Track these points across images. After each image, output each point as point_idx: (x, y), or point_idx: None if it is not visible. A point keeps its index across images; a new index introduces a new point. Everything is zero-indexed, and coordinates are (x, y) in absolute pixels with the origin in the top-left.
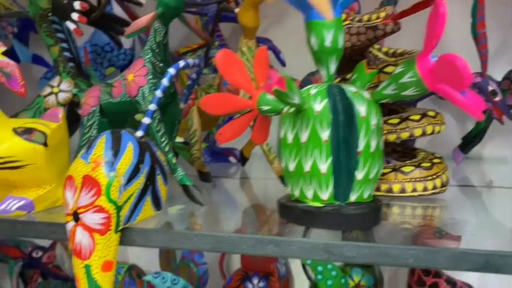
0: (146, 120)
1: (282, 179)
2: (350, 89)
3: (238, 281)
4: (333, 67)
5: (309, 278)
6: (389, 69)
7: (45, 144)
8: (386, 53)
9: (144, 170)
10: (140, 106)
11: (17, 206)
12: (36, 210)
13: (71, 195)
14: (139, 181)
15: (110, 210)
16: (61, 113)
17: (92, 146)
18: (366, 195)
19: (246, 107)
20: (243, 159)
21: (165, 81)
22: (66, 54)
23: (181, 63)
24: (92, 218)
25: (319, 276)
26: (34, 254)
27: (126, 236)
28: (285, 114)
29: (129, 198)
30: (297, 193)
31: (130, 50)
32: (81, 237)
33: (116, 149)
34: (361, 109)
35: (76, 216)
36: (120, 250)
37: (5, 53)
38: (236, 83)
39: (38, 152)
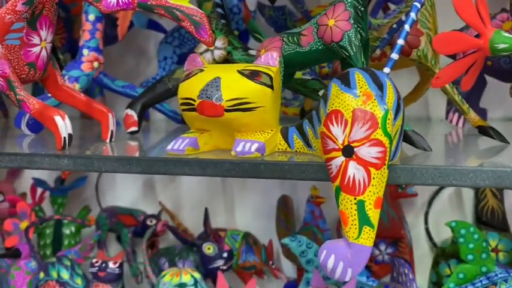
0: (394, 56)
1: (480, 129)
2: None
3: None
4: None
5: (433, 244)
6: None
7: (271, 87)
8: None
9: (402, 107)
10: (346, 50)
11: (255, 147)
12: (266, 154)
13: (340, 130)
14: (401, 118)
15: (386, 144)
16: (277, 56)
17: (349, 81)
18: None
19: (475, 46)
20: None
21: (413, 15)
22: (219, 10)
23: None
24: (368, 152)
25: (461, 239)
26: (148, 222)
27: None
28: None
29: (395, 134)
30: None
31: (253, 12)
32: (354, 172)
33: (379, 84)
34: None
35: (348, 151)
36: (228, 219)
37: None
38: (468, 19)
39: (266, 94)
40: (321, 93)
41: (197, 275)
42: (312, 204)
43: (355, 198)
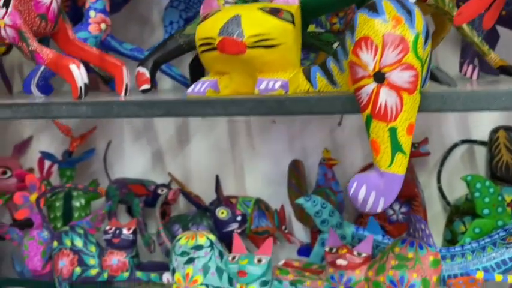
0: None
1: (501, 69)
2: None
3: None
4: None
5: (447, 202)
6: None
7: (293, 23)
8: None
9: (430, 34)
10: None
11: (279, 84)
12: (289, 92)
13: (369, 57)
14: (429, 45)
15: (418, 68)
16: None
17: (377, 8)
18: None
19: None
20: None
21: None
22: None
23: None
24: (400, 76)
25: (477, 194)
26: (159, 191)
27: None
28: None
29: (425, 59)
30: None
31: None
32: (386, 98)
33: (407, 9)
34: None
35: (379, 77)
36: (239, 187)
37: None
38: None
39: (287, 30)
40: (335, 46)
41: (212, 237)
42: (324, 166)
43: (387, 125)
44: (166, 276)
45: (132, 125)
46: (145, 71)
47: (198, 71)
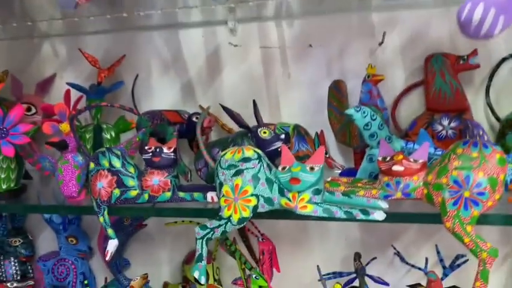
0: None
1: None
2: None
3: (425, 125)
4: None
5: (497, 118)
6: None
7: None
8: None
9: None
10: None
11: None
12: None
13: None
14: None
15: None
16: None
17: None
18: None
19: None
20: None
21: None
22: None
23: None
24: None
25: None
26: (194, 119)
27: None
28: None
29: None
30: None
31: None
32: None
33: None
34: None
35: None
36: (274, 117)
37: None
38: None
39: None
40: None
41: (259, 151)
42: (369, 83)
43: None
44: (210, 195)
45: (160, 56)
46: None
47: None
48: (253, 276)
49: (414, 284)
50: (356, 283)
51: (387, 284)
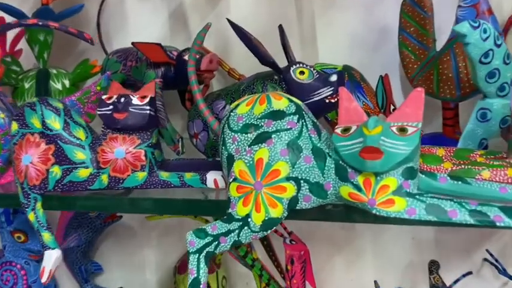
0: None
1: None
2: None
3: None
4: None
5: None
6: None
7: None
8: None
9: None
10: None
11: None
12: None
13: None
14: None
15: None
16: None
17: None
18: None
19: None
20: None
21: None
22: None
23: None
24: None
25: None
26: (186, 57)
27: None
28: None
29: None
30: None
31: None
32: None
33: None
34: None
35: None
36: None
37: None
38: None
39: None
40: None
41: (299, 101)
42: None
43: None
44: (212, 176)
45: None
46: None
47: None
48: None
49: None
50: None
51: None
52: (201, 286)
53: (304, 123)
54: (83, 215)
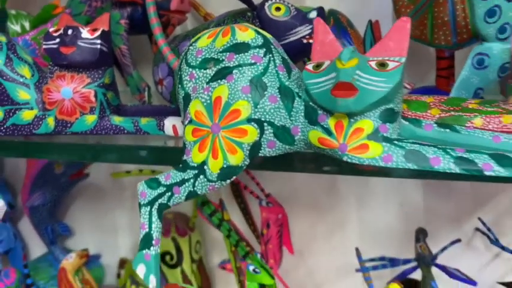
0: None
1: None
2: None
3: None
4: None
5: None
6: None
7: None
8: None
9: None
10: None
11: None
12: None
13: None
14: None
15: None
16: None
17: None
18: None
19: None
20: None
21: None
22: None
23: None
24: None
25: None
26: None
27: None
28: None
29: None
30: None
31: None
32: None
33: None
34: None
35: None
36: None
37: None
38: None
39: None
40: None
41: (267, 34)
42: None
43: None
44: (170, 122)
45: None
46: None
47: None
48: (251, 268)
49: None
50: (416, 275)
51: (473, 283)
52: (154, 242)
53: (272, 58)
54: (48, 172)
